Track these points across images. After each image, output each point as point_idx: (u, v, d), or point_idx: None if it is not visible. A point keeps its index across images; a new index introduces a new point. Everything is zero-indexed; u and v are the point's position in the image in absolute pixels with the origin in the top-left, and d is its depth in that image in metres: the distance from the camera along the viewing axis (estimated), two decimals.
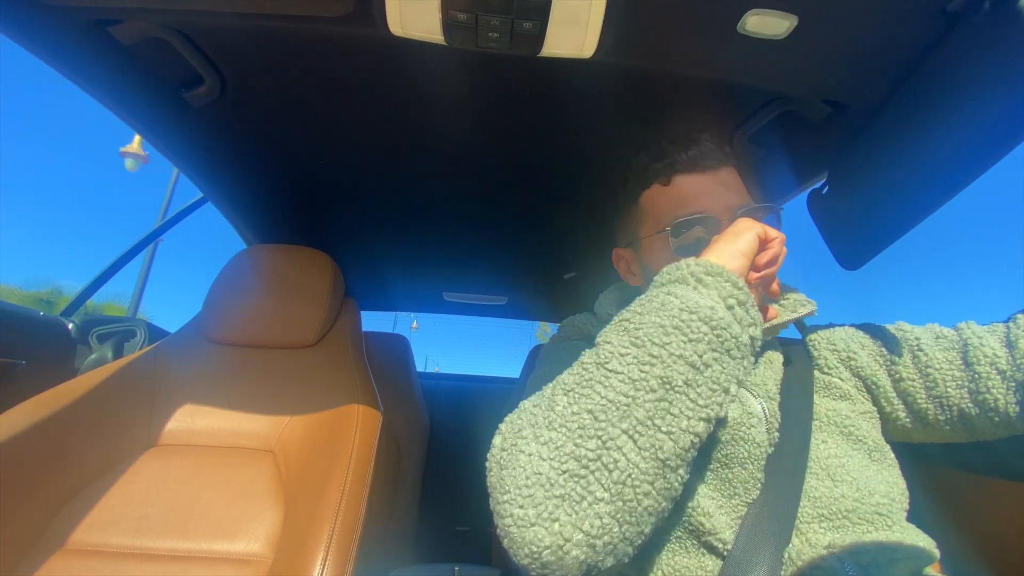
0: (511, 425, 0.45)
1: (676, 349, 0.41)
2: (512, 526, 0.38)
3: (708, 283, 0.45)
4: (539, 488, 0.38)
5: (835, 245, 0.80)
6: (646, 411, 0.39)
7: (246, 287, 1.02)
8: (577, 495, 0.38)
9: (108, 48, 0.68)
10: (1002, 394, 0.53)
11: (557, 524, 0.37)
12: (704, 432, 0.41)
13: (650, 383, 0.40)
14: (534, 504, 0.38)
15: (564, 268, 1.52)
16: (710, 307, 0.43)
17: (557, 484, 0.38)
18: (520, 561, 0.38)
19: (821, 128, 0.78)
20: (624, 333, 0.44)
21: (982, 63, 0.56)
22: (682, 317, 0.42)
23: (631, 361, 0.42)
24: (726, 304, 0.44)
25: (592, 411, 0.40)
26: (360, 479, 0.76)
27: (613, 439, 0.39)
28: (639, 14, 0.58)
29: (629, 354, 0.42)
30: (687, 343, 0.41)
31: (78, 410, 0.84)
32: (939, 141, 0.62)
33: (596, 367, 0.43)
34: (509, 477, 0.40)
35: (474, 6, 0.54)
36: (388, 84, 0.79)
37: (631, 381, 0.40)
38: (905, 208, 0.69)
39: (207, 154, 0.96)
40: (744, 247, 0.49)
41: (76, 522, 0.75)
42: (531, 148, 0.96)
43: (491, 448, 0.46)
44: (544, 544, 0.37)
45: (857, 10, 0.57)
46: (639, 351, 0.42)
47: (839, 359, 0.64)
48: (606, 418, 0.39)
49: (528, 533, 0.38)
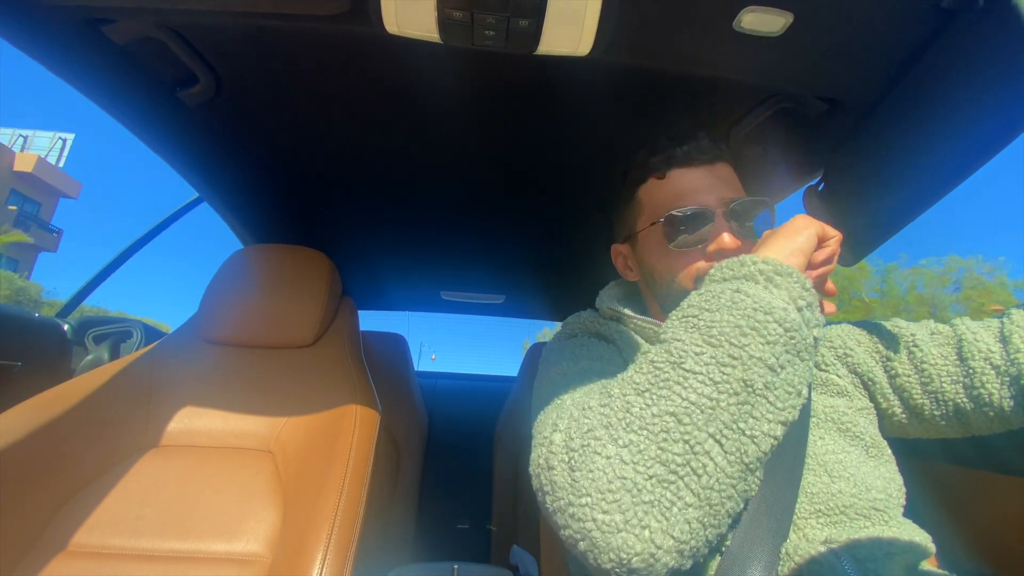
0: (576, 424, 0.44)
1: (755, 351, 0.40)
2: (595, 531, 0.38)
3: (779, 283, 0.44)
4: (625, 493, 0.38)
5: None
6: (731, 415, 0.39)
7: (243, 287, 1.02)
8: (667, 501, 0.37)
9: (102, 47, 0.68)
10: (996, 389, 0.53)
11: (648, 531, 0.37)
12: (782, 435, 0.40)
13: (732, 385, 0.39)
14: (621, 510, 0.37)
15: (561, 266, 1.52)
16: (783, 308, 0.42)
17: (645, 490, 0.38)
18: (602, 565, 0.38)
19: (817, 125, 0.79)
20: (695, 330, 0.43)
21: (977, 60, 0.56)
22: (757, 318, 0.41)
23: (709, 361, 0.41)
24: (796, 305, 0.43)
25: (675, 414, 0.39)
26: (358, 478, 0.76)
27: (700, 443, 0.38)
28: (635, 12, 0.58)
29: (705, 353, 0.41)
30: (765, 345, 0.40)
31: (75, 412, 0.84)
32: (934, 138, 0.63)
33: (671, 367, 0.42)
34: (586, 479, 0.40)
35: (470, 4, 0.54)
36: (384, 83, 0.79)
37: (712, 383, 0.39)
38: (901, 205, 0.69)
39: (202, 154, 0.96)
40: (803, 244, 0.48)
41: (74, 523, 0.75)
42: (527, 146, 0.96)
43: (546, 445, 0.45)
44: (635, 551, 0.37)
45: (852, 7, 0.57)
46: (716, 351, 0.41)
47: (836, 356, 0.64)
48: (691, 421, 0.39)
49: (615, 539, 0.37)
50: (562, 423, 0.46)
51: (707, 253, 0.60)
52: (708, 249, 0.60)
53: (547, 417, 0.51)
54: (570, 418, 0.46)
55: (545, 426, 0.49)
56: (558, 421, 0.47)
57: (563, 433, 0.45)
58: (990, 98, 0.57)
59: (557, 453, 0.43)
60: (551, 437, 0.45)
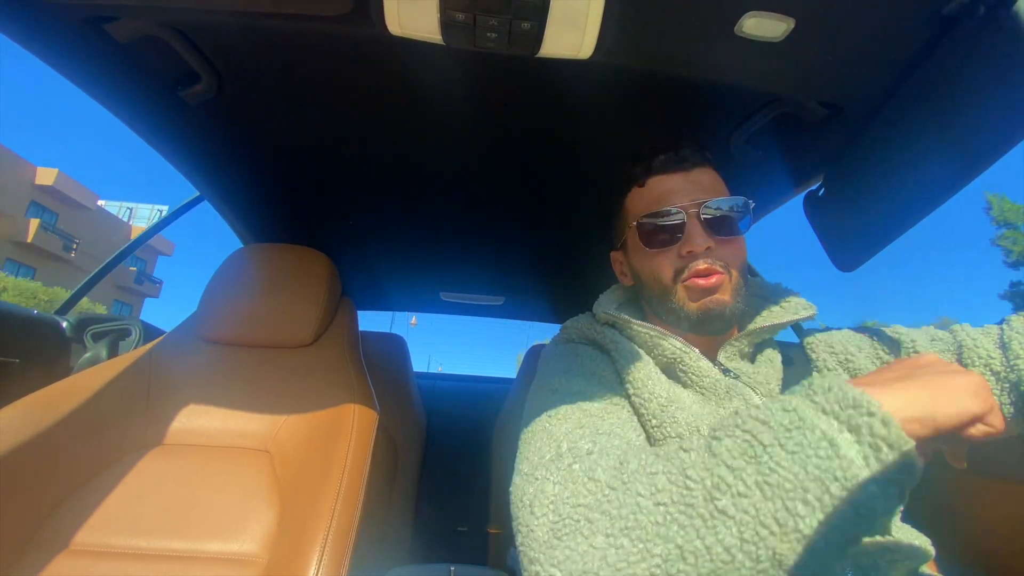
0: (575, 488, 0.41)
1: (806, 527, 0.32)
2: None
3: (883, 458, 0.32)
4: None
5: (831, 247, 0.80)
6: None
7: (243, 286, 1.02)
8: None
9: (104, 45, 0.68)
10: (996, 395, 0.53)
11: None
12: None
13: (761, 551, 0.33)
14: None
15: (561, 268, 1.52)
16: (871, 493, 0.32)
17: None
18: None
19: (818, 130, 0.79)
20: (752, 461, 0.35)
21: (977, 67, 0.56)
22: (831, 490, 0.32)
23: (748, 509, 0.34)
24: (888, 492, 0.32)
25: (682, 549, 0.35)
26: (356, 479, 0.76)
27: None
28: (637, 15, 0.58)
29: (748, 498, 0.34)
30: (821, 526, 0.32)
31: (73, 410, 0.84)
32: (935, 144, 0.63)
33: (703, 495, 0.35)
34: (563, 551, 0.38)
35: (472, 6, 0.54)
36: (386, 84, 0.79)
37: (740, 540, 0.33)
38: (901, 210, 0.69)
39: (203, 152, 0.96)
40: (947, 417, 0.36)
41: (71, 522, 0.75)
42: (529, 148, 0.96)
43: (535, 484, 0.44)
44: None
45: (854, 13, 0.57)
46: (763, 504, 0.33)
47: (837, 361, 0.64)
48: (694, 564, 0.34)
49: None
50: (558, 473, 0.44)
51: (680, 252, 0.62)
52: (682, 249, 0.62)
53: (539, 447, 0.49)
54: (568, 472, 0.43)
55: (537, 461, 0.48)
56: (552, 467, 0.45)
57: (559, 486, 0.42)
58: (990, 104, 0.57)
59: (544, 505, 0.42)
60: (543, 487, 0.43)
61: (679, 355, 0.60)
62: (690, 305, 0.61)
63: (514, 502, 0.46)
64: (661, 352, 0.61)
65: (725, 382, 0.58)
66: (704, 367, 0.59)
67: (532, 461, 0.48)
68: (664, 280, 0.63)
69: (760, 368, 0.62)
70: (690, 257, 0.61)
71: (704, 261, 0.60)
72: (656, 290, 0.65)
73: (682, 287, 0.62)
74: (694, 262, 0.61)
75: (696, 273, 0.61)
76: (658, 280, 0.64)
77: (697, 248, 0.60)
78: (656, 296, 0.65)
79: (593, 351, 0.66)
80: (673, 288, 0.62)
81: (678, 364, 0.60)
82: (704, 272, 0.60)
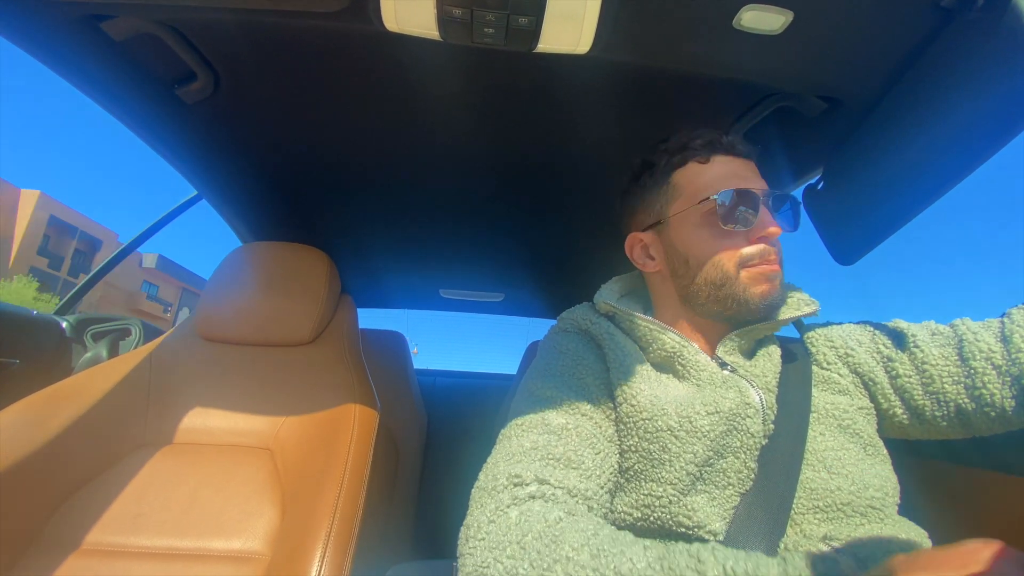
0: (498, 539, 0.42)
1: None
2: None
3: None
4: None
5: (830, 240, 0.80)
6: None
7: (242, 285, 1.02)
8: None
9: (100, 44, 0.68)
10: (998, 389, 0.53)
11: None
12: None
13: None
14: None
15: (560, 264, 1.52)
16: None
17: None
18: None
19: (816, 124, 0.79)
20: None
21: (976, 58, 0.56)
22: None
23: None
24: None
25: None
26: (357, 476, 0.76)
27: None
28: (634, 10, 0.58)
29: None
30: None
31: (74, 409, 0.84)
32: (934, 136, 0.63)
33: None
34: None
35: (469, 1, 0.54)
36: (383, 80, 0.79)
37: None
38: (900, 203, 0.69)
39: (201, 151, 0.96)
40: None
41: (73, 521, 0.75)
42: (527, 144, 0.96)
43: (473, 520, 0.45)
44: None
45: (852, 6, 0.57)
46: None
47: (837, 355, 0.64)
48: None
49: None
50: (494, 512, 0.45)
51: (752, 237, 0.60)
52: (755, 233, 0.60)
53: (496, 461, 0.51)
54: (504, 518, 0.44)
55: (487, 482, 0.49)
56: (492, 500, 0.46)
57: (492, 525, 0.44)
58: (989, 96, 0.57)
59: (476, 540, 0.43)
60: (479, 519, 0.45)
61: (678, 349, 0.60)
62: (753, 292, 0.59)
63: (469, 522, 0.47)
64: (660, 346, 0.61)
65: (722, 374, 0.58)
66: (702, 361, 0.59)
67: (486, 477, 0.50)
68: (726, 264, 0.60)
69: (758, 362, 0.62)
70: (762, 242, 0.59)
71: (773, 250, 0.60)
72: (712, 275, 0.61)
73: (746, 272, 0.59)
74: (766, 249, 0.59)
75: (767, 260, 0.59)
76: (718, 263, 0.61)
77: (773, 235, 0.59)
78: (709, 280, 0.61)
79: (580, 345, 0.64)
80: (736, 273, 0.60)
81: (676, 358, 0.60)
82: (773, 260, 0.60)
